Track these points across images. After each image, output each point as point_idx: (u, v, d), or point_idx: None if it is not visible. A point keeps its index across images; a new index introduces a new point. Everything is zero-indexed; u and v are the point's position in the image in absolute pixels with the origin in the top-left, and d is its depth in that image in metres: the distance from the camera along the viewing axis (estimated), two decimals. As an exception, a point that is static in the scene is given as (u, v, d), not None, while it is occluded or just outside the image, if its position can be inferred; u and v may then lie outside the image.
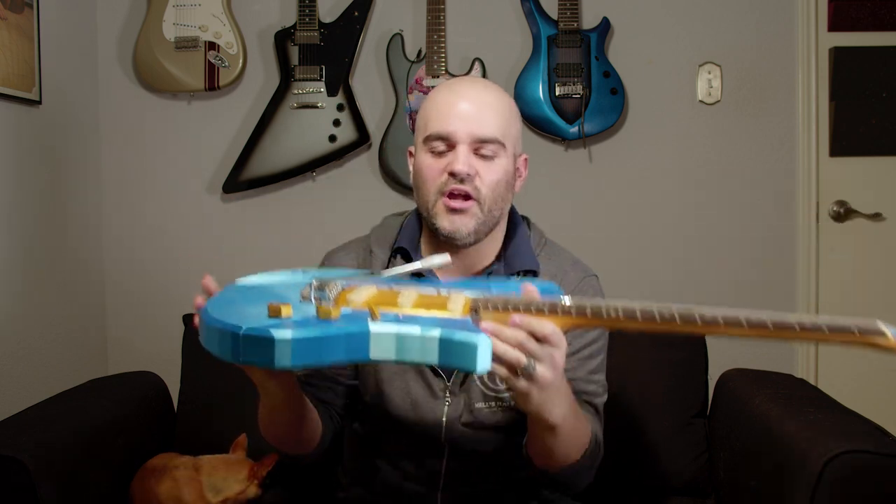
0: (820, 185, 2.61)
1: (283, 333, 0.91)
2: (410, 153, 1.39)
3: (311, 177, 2.60)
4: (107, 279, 2.63)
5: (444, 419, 1.32)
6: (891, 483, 1.27)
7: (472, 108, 1.29)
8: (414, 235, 1.40)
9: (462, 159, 1.27)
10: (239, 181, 2.56)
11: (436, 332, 0.96)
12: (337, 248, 1.46)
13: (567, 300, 1.00)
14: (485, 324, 0.99)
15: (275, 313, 0.98)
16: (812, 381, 2.58)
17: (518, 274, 1.35)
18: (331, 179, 2.62)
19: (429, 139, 1.30)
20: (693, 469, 1.81)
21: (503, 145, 1.30)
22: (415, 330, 0.96)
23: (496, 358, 0.98)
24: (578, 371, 1.33)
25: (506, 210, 1.35)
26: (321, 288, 1.05)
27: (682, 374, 1.86)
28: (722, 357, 1.97)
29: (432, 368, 1.34)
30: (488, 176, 1.29)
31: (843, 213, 2.61)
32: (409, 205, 1.62)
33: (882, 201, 2.61)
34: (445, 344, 0.95)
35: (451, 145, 1.29)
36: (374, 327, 0.96)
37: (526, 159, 1.39)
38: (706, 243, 2.64)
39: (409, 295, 1.09)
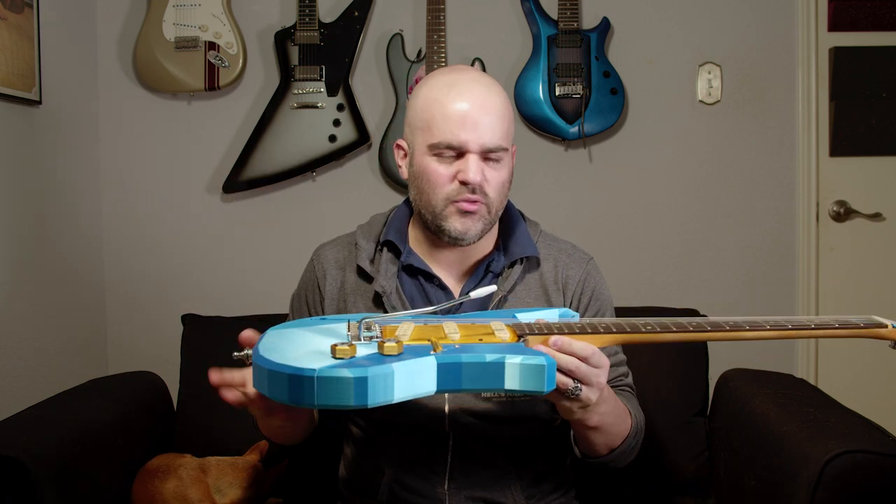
0: (820, 185, 2.61)
1: (359, 372, 0.91)
2: (400, 146, 1.39)
3: (311, 177, 2.60)
4: (107, 279, 2.63)
5: (445, 408, 1.31)
6: (891, 483, 1.27)
7: (479, 114, 1.29)
8: (401, 228, 1.41)
9: (474, 169, 1.28)
10: (239, 181, 2.56)
11: (516, 360, 0.99)
12: (326, 243, 1.48)
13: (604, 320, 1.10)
14: (540, 347, 1.06)
15: (342, 354, 0.95)
16: (812, 381, 2.58)
17: (520, 261, 1.38)
18: (331, 179, 2.62)
19: (436, 146, 1.30)
20: (693, 468, 1.81)
21: (507, 149, 1.33)
22: (490, 357, 0.99)
23: None
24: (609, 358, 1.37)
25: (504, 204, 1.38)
26: (368, 328, 1.04)
27: (682, 373, 1.86)
28: (722, 357, 1.96)
29: None
30: (496, 180, 1.32)
31: (843, 213, 2.61)
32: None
33: (882, 201, 2.61)
34: (518, 368, 0.99)
35: (460, 153, 1.30)
36: (441, 358, 0.98)
37: (514, 151, 1.41)
38: (706, 243, 2.64)
39: (452, 326, 1.10)
